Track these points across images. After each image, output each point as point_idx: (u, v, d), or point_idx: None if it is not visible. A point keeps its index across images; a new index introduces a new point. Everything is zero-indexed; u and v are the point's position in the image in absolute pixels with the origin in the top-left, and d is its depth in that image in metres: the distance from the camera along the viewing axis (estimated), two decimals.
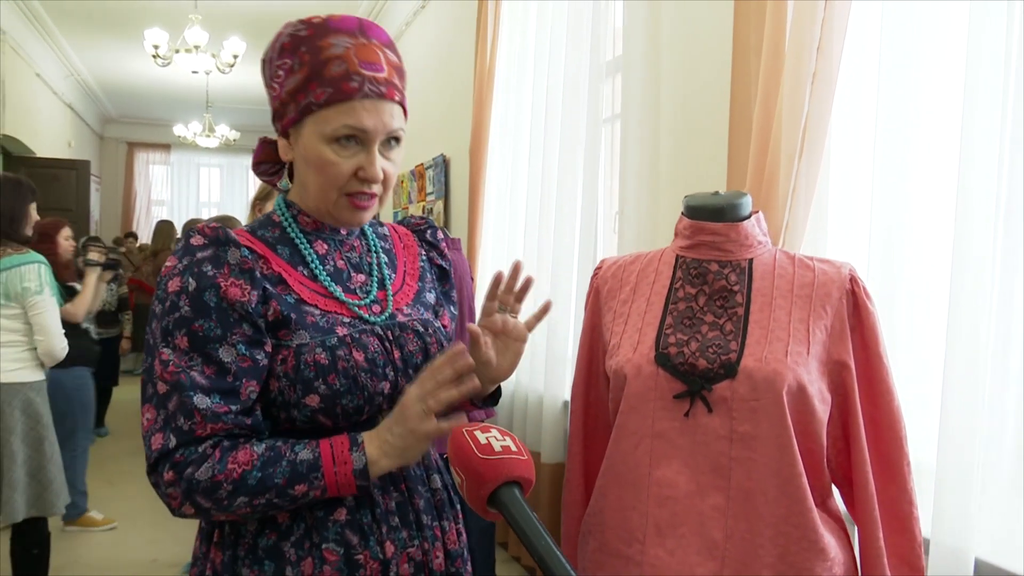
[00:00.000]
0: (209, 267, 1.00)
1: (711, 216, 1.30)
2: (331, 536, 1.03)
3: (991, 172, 1.46)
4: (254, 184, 13.05)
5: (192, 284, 0.99)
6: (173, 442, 0.96)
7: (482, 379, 1.14)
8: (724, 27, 2.16)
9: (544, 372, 3.18)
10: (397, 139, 1.07)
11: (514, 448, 0.93)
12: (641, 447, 1.25)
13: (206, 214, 12.97)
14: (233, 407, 0.98)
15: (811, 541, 1.17)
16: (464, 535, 1.18)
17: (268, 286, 1.03)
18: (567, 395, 3.03)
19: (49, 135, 8.93)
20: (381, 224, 1.26)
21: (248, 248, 1.04)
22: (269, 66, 1.08)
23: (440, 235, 1.31)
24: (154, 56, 6.86)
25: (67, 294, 3.82)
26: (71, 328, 3.33)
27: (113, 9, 7.30)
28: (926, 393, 1.63)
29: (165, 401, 0.97)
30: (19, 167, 8.00)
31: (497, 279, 1.16)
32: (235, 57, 7.12)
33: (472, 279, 3.60)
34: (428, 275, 1.25)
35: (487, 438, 0.93)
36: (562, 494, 1.48)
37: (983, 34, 1.48)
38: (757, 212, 1.35)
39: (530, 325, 1.19)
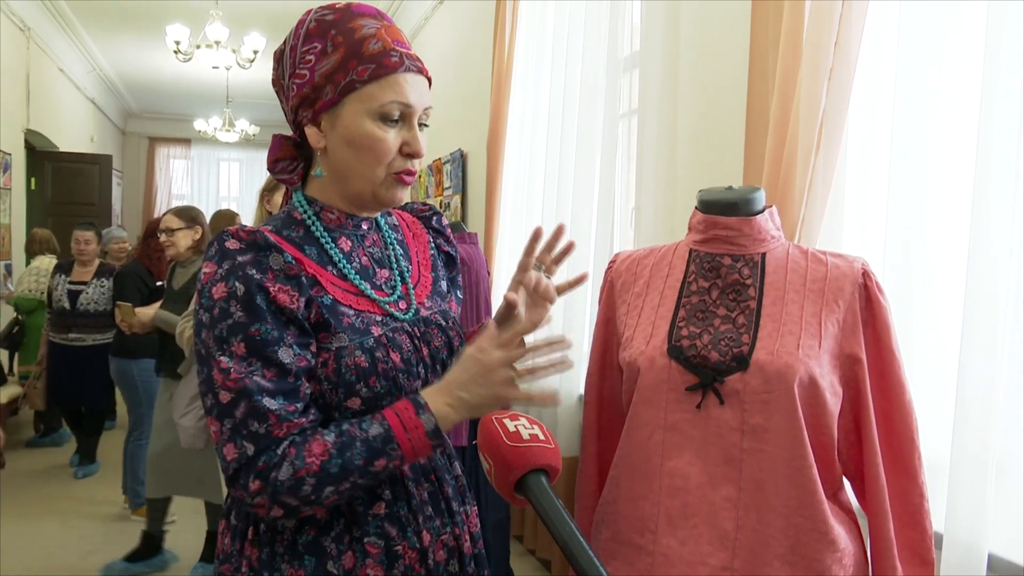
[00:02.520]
0: (254, 271, 0.97)
1: (724, 210, 1.31)
2: (371, 530, 1.04)
3: (1008, 168, 1.45)
4: None
5: (240, 288, 0.96)
6: (251, 449, 0.94)
7: None
8: (742, 23, 2.16)
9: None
10: (426, 120, 1.08)
11: (542, 436, 0.95)
12: (654, 438, 1.27)
13: (225, 208, 13.06)
14: (298, 406, 0.97)
15: (822, 533, 1.18)
16: (477, 515, 1.20)
17: (309, 290, 1.02)
18: (582, 389, 3.04)
19: (72, 130, 9.03)
20: (389, 213, 1.25)
21: (284, 251, 1.02)
22: (292, 54, 1.05)
23: (444, 221, 1.31)
24: (175, 52, 6.93)
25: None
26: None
27: (135, 6, 7.37)
28: (941, 388, 1.63)
29: (232, 409, 0.94)
30: (43, 162, 8.11)
31: (537, 234, 1.15)
32: (255, 52, 7.18)
33: (488, 273, 3.62)
34: (439, 263, 1.26)
35: (516, 426, 0.95)
36: (576, 485, 1.50)
37: (1001, 30, 1.47)
38: (771, 207, 1.35)
39: (561, 290, 1.19)
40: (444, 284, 1.25)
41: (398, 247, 1.19)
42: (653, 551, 1.24)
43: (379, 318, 1.07)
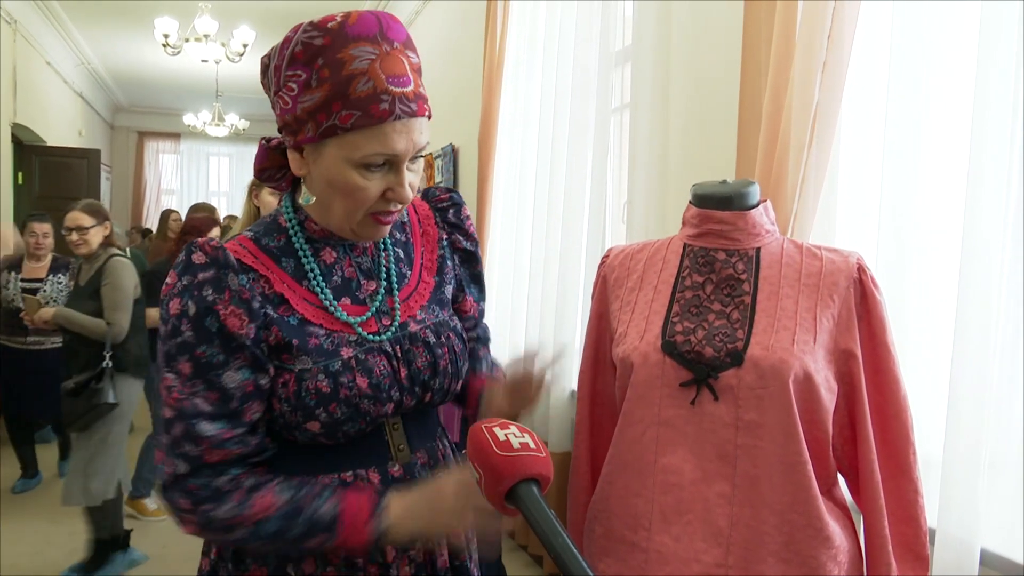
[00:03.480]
0: (209, 291, 0.95)
1: (719, 205, 1.30)
2: None
3: (1002, 163, 1.45)
4: None
5: (192, 308, 0.94)
6: (183, 468, 0.94)
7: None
8: (734, 16, 2.16)
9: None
10: (422, 153, 1.00)
11: (532, 445, 0.93)
12: (647, 435, 1.26)
13: (215, 203, 13.01)
14: (238, 430, 0.96)
15: (816, 529, 1.17)
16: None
17: (270, 310, 0.99)
18: (574, 384, 3.03)
19: (60, 124, 8.96)
20: None
21: (250, 269, 1.00)
22: (276, 74, 0.97)
23: (465, 212, 1.22)
24: (164, 45, 6.89)
25: None
26: None
27: None
28: (934, 383, 1.63)
29: (170, 426, 0.95)
30: (30, 156, 8.04)
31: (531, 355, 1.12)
32: (245, 46, 7.13)
33: None
34: (447, 264, 1.18)
35: (506, 435, 0.93)
36: (568, 482, 1.49)
37: (995, 24, 1.47)
38: (765, 201, 1.35)
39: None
40: (448, 289, 1.18)
41: (398, 251, 1.14)
42: (647, 548, 1.23)
43: (352, 338, 1.03)
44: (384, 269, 1.10)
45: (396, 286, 1.10)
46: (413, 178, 0.99)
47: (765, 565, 1.17)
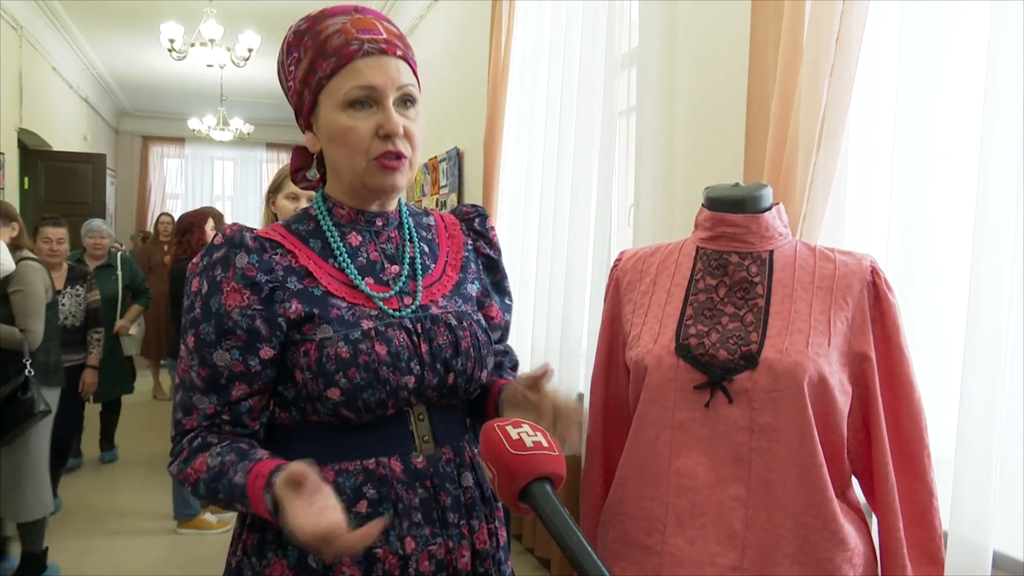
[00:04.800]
0: (219, 270, 1.04)
1: (731, 208, 1.31)
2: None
3: (1011, 162, 1.45)
4: (268, 177, 13.10)
5: (204, 287, 1.04)
6: (172, 431, 1.07)
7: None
8: (741, 19, 2.16)
9: (558, 364, 3.19)
10: (411, 98, 1.07)
11: (546, 444, 0.93)
12: (661, 438, 1.26)
13: (219, 207, 13.02)
14: (219, 408, 1.04)
15: (831, 532, 1.17)
16: (501, 536, 1.16)
17: (294, 282, 1.06)
18: (582, 388, 3.03)
19: (65, 129, 8.99)
20: (427, 213, 1.26)
21: (277, 245, 1.08)
22: (282, 69, 1.12)
23: (489, 223, 1.30)
24: (169, 50, 6.91)
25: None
26: None
27: (129, 4, 7.33)
28: (945, 386, 1.62)
29: (176, 393, 1.07)
30: (36, 161, 8.06)
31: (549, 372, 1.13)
32: (250, 51, 7.16)
33: None
34: (472, 265, 1.24)
35: (519, 433, 0.93)
36: (581, 485, 1.49)
37: (1004, 27, 1.47)
38: (778, 204, 1.35)
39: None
40: (474, 287, 1.22)
41: (423, 245, 1.20)
42: (661, 551, 1.23)
43: (373, 312, 1.08)
44: (408, 257, 1.16)
45: (420, 273, 1.16)
46: (409, 124, 1.06)
47: (780, 568, 1.17)
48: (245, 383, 1.04)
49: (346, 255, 1.11)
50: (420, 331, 1.09)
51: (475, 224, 1.28)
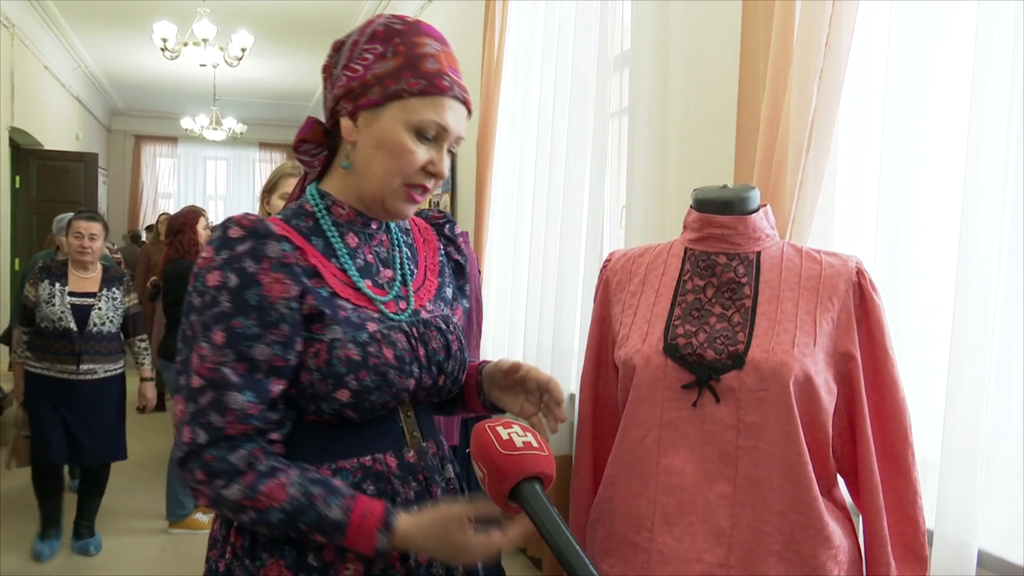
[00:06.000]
0: (249, 262, 1.00)
1: (720, 209, 1.32)
2: None
3: (998, 166, 1.47)
4: (260, 177, 13.07)
5: (233, 280, 0.99)
6: (203, 438, 0.97)
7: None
8: (732, 22, 2.17)
9: (550, 365, 3.20)
10: (456, 146, 1.11)
11: (535, 444, 0.94)
12: (650, 436, 1.27)
13: (212, 207, 13.01)
14: (262, 405, 0.99)
15: (816, 529, 1.19)
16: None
17: (305, 279, 1.04)
18: (573, 388, 3.04)
19: (57, 128, 8.96)
20: None
21: (287, 239, 1.04)
22: (354, 48, 1.08)
23: (458, 230, 1.33)
24: (162, 49, 6.90)
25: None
26: None
27: (122, 3, 7.32)
28: (931, 385, 1.64)
29: (197, 395, 0.97)
30: (27, 160, 8.04)
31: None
32: (243, 50, 7.15)
33: (479, 272, 3.61)
34: (447, 270, 1.27)
35: (509, 434, 0.95)
36: (571, 483, 1.50)
37: (991, 28, 1.48)
38: (765, 205, 1.36)
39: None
40: (450, 291, 1.25)
41: (406, 250, 1.21)
42: (649, 548, 1.24)
43: (375, 315, 1.08)
44: (398, 261, 1.17)
45: (409, 278, 1.17)
46: (447, 162, 1.10)
47: (766, 565, 1.18)
48: (283, 378, 1.01)
49: (348, 257, 1.10)
50: (416, 335, 1.11)
51: (446, 230, 1.30)
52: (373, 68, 1.05)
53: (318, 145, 1.14)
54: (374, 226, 1.16)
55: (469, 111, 1.11)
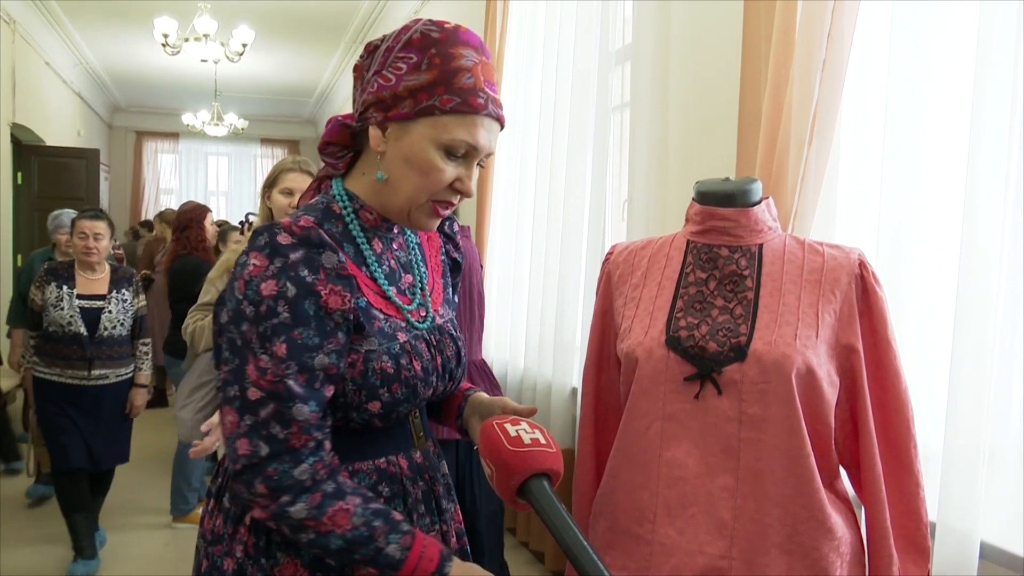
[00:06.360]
0: (306, 271, 0.97)
1: (721, 202, 1.32)
2: None
3: (1000, 159, 1.47)
4: (262, 173, 13.06)
5: (291, 289, 0.96)
6: (265, 450, 0.94)
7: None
8: (734, 15, 2.17)
9: (552, 359, 3.20)
10: (485, 160, 1.08)
11: (543, 441, 0.95)
12: (652, 429, 1.27)
13: (214, 203, 13.02)
14: (321, 416, 0.98)
15: (819, 521, 1.19)
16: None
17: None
18: (575, 382, 3.04)
19: (59, 124, 8.96)
20: None
21: (337, 250, 1.02)
22: (387, 54, 1.04)
23: (456, 227, 1.31)
24: (163, 45, 6.89)
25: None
26: None
27: None
28: (934, 378, 1.64)
29: (258, 407, 0.95)
30: (29, 156, 8.04)
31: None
32: (244, 46, 7.14)
33: (481, 266, 3.61)
34: (447, 270, 1.26)
35: (517, 431, 0.96)
36: (573, 477, 1.50)
37: (994, 22, 1.48)
38: (767, 198, 1.36)
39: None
40: (451, 291, 1.26)
41: (418, 251, 1.20)
42: (651, 541, 1.24)
43: (403, 324, 1.08)
44: (414, 266, 1.16)
45: (424, 283, 1.16)
46: (475, 178, 1.07)
47: (768, 557, 1.19)
48: (334, 384, 1.00)
49: (377, 265, 1.08)
50: (435, 343, 1.11)
51: (446, 227, 1.28)
52: (406, 79, 1.01)
53: (344, 147, 1.11)
54: (395, 230, 1.14)
55: (502, 126, 1.07)
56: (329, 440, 1.00)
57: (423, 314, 1.12)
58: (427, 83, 1.00)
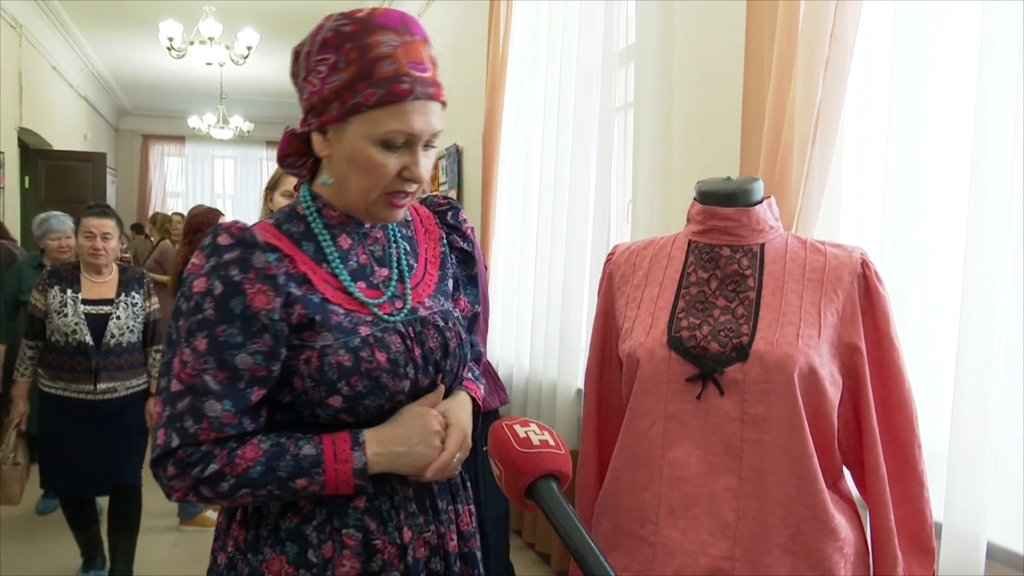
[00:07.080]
0: (236, 271, 0.99)
1: (723, 201, 1.31)
2: (351, 521, 1.05)
3: (1004, 157, 1.46)
4: (268, 175, 13.11)
5: (218, 288, 0.98)
6: (176, 441, 0.97)
7: None
8: (737, 14, 2.17)
9: (557, 360, 3.20)
10: (434, 141, 1.07)
11: (552, 442, 0.96)
12: (654, 429, 1.27)
13: (220, 206, 13.05)
14: (239, 415, 0.99)
15: (822, 521, 1.18)
16: (474, 514, 1.21)
17: (293, 288, 1.02)
18: (580, 383, 3.04)
19: (65, 128, 9.00)
20: None
21: (275, 249, 1.03)
22: (307, 60, 1.03)
23: (462, 216, 1.29)
24: (169, 48, 6.93)
25: None
26: None
27: (128, 2, 7.35)
28: (939, 377, 1.64)
29: (176, 400, 0.98)
30: (36, 160, 8.08)
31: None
32: (249, 49, 7.17)
33: (485, 268, 3.61)
34: (449, 260, 1.24)
35: (526, 432, 0.96)
36: (576, 477, 1.50)
37: (997, 21, 1.48)
38: (769, 197, 1.35)
39: None
40: (451, 283, 1.23)
41: (404, 244, 1.18)
42: (654, 541, 1.24)
43: (368, 318, 1.07)
44: (395, 259, 1.15)
45: (407, 275, 1.15)
46: (427, 163, 1.06)
47: (771, 557, 1.18)
48: (263, 387, 1.01)
49: (339, 261, 1.09)
50: (412, 335, 1.09)
51: (448, 218, 1.27)
52: (328, 82, 1.00)
53: (302, 155, 1.11)
54: (367, 225, 1.13)
55: (442, 102, 1.04)
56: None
57: (398, 306, 1.11)
58: (348, 81, 0.99)
